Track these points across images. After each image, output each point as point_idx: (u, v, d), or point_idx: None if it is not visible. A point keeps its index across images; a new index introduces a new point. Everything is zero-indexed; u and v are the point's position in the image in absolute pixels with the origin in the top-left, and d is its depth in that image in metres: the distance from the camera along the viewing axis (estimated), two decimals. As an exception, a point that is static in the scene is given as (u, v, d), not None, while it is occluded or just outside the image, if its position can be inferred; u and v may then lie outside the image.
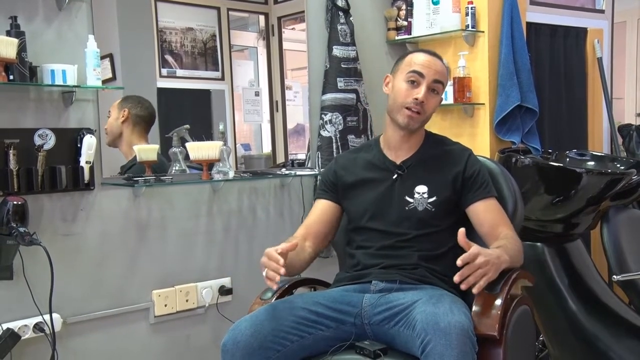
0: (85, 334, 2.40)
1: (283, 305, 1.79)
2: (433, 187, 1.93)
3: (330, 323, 1.76)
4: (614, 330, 2.71)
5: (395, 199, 1.95)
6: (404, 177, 1.97)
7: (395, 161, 2.00)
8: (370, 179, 2.01)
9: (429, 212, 1.92)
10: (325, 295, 1.87)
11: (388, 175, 1.99)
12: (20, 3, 2.19)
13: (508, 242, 1.82)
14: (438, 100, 1.99)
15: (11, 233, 2.07)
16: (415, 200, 1.93)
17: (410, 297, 1.75)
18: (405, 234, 1.91)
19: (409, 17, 3.23)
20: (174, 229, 2.60)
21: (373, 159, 2.04)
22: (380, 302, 1.78)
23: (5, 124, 2.17)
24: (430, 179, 1.94)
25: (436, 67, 1.96)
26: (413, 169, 1.98)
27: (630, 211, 2.85)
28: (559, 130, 3.36)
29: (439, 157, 2.00)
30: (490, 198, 1.94)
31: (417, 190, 1.93)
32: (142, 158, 2.57)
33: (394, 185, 1.97)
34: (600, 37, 3.58)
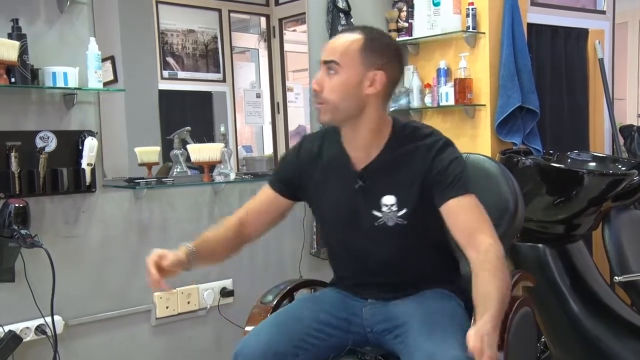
0: (87, 336, 2.40)
1: (292, 318, 1.70)
2: (402, 196, 1.63)
3: (334, 332, 1.72)
4: (616, 332, 2.71)
5: (361, 213, 1.67)
6: (367, 187, 1.66)
7: (356, 166, 1.67)
8: (331, 184, 1.72)
9: (401, 227, 1.63)
10: (327, 301, 1.78)
11: (351, 183, 1.67)
12: (21, 6, 2.19)
13: (491, 276, 1.49)
14: (337, 81, 1.58)
15: (13, 235, 2.07)
16: (384, 215, 1.64)
17: (408, 308, 1.66)
18: (382, 257, 1.69)
19: (409, 19, 3.23)
20: (175, 231, 2.60)
21: (335, 156, 1.71)
22: (380, 311, 1.72)
23: (6, 126, 2.18)
24: (397, 187, 1.63)
25: (331, 45, 1.62)
26: (377, 175, 1.65)
27: (632, 212, 2.85)
28: (561, 131, 3.36)
29: (406, 156, 1.64)
30: (464, 196, 1.59)
31: (384, 202, 1.63)
32: (143, 160, 2.57)
33: (357, 197, 1.67)
34: (602, 38, 3.58)
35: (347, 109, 1.60)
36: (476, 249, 1.54)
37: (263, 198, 1.82)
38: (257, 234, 1.84)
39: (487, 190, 2.03)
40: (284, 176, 1.80)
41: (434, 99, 3.15)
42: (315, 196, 1.76)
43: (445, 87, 3.10)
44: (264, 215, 1.81)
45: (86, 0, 2.34)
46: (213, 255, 1.77)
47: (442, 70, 3.12)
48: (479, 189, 2.05)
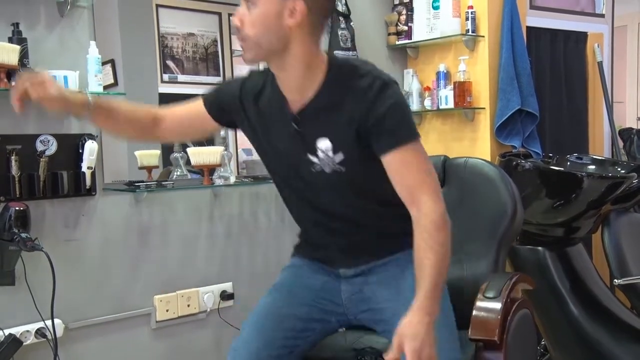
0: (87, 340, 2.40)
1: (271, 318, 1.67)
2: (337, 140, 1.50)
3: (318, 325, 1.69)
4: (616, 335, 2.71)
5: (299, 158, 1.55)
6: (303, 130, 1.54)
7: (292, 109, 1.55)
8: (271, 132, 1.60)
9: (339, 173, 1.52)
10: (303, 292, 1.70)
11: (286, 126, 1.55)
12: (22, 10, 2.20)
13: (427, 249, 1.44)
14: (255, 14, 1.46)
15: (13, 239, 2.07)
16: (320, 160, 1.53)
17: (389, 300, 1.60)
18: (329, 207, 1.59)
19: (409, 22, 3.24)
20: (175, 234, 2.61)
21: (274, 97, 1.58)
22: (360, 298, 1.66)
23: (7, 130, 2.18)
24: (332, 130, 1.51)
25: None
26: (312, 118, 1.52)
27: (632, 215, 2.85)
28: (560, 134, 3.37)
29: (342, 98, 1.50)
30: (404, 147, 1.47)
31: (319, 146, 1.52)
32: (143, 163, 2.58)
33: (294, 140, 1.55)
34: (601, 42, 3.59)
35: (269, 44, 1.47)
36: (417, 207, 1.48)
37: (192, 109, 1.72)
38: (170, 137, 1.80)
39: (486, 193, 2.05)
40: (221, 101, 1.70)
41: (434, 102, 3.16)
42: (255, 140, 1.67)
43: (444, 90, 3.10)
44: (185, 125, 1.75)
45: (86, 4, 2.34)
46: (114, 120, 1.68)
47: (441, 73, 3.12)
48: (478, 192, 2.07)
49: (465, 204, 2.07)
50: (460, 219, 1.86)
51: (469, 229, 2.01)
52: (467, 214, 2.04)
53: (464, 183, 2.10)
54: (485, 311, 1.70)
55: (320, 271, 1.73)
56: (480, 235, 2.00)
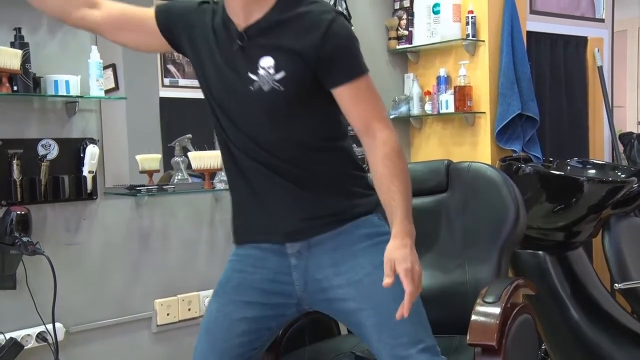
0: (87, 344, 2.40)
1: (221, 326, 1.63)
2: (280, 60, 1.49)
3: (272, 323, 1.63)
4: (617, 339, 2.71)
5: (239, 77, 1.53)
6: (246, 47, 1.52)
7: (238, 27, 1.53)
8: (213, 54, 1.57)
9: (277, 92, 1.49)
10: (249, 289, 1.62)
11: (229, 44, 1.54)
12: (24, 15, 2.20)
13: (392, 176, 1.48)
14: None
15: (14, 243, 2.08)
16: (260, 78, 1.50)
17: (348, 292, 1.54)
18: (262, 142, 1.54)
19: (409, 27, 3.24)
20: (176, 238, 2.61)
21: (220, 21, 1.57)
22: (315, 289, 1.58)
23: (8, 134, 2.19)
24: (278, 50, 1.50)
25: None
26: (258, 37, 1.51)
27: (632, 219, 2.86)
28: (560, 138, 3.37)
29: (290, 21, 1.51)
30: (359, 79, 1.50)
31: (261, 64, 1.50)
32: (145, 167, 2.58)
33: (235, 58, 1.53)
34: (601, 46, 3.60)
35: None
36: (373, 136, 1.50)
37: (141, 13, 1.66)
38: (104, 30, 1.67)
39: (489, 198, 2.05)
40: (172, 13, 1.64)
41: (434, 107, 3.17)
42: (197, 62, 1.62)
43: (445, 94, 3.11)
44: (128, 26, 1.67)
45: (88, 9, 2.35)
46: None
47: (442, 77, 3.13)
48: (481, 197, 2.07)
49: (468, 209, 2.07)
50: (463, 223, 1.88)
51: (472, 233, 2.01)
52: (470, 218, 2.05)
53: (467, 187, 2.10)
54: (484, 316, 1.69)
55: (265, 259, 1.62)
56: (482, 240, 2.01)
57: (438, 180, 2.16)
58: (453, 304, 1.83)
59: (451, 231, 2.09)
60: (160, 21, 1.64)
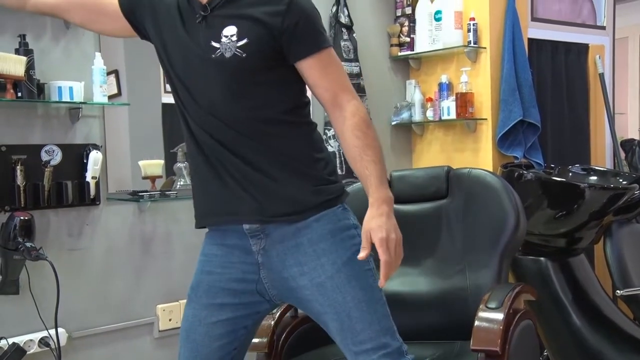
0: (90, 349, 2.41)
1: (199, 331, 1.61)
2: (243, 28, 1.51)
3: (248, 321, 1.62)
4: (618, 345, 2.71)
5: (201, 46, 1.53)
6: (209, 18, 1.54)
7: (201, 0, 1.55)
8: (175, 27, 1.58)
9: (239, 58, 1.49)
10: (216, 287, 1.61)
11: (194, 19, 1.56)
12: (28, 22, 2.22)
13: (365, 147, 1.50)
14: None
15: (18, 248, 2.08)
16: (222, 45, 1.51)
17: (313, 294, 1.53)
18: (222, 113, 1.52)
19: (411, 34, 3.26)
20: (178, 244, 2.62)
21: (180, 1, 1.59)
22: (283, 287, 1.57)
23: (12, 140, 2.20)
24: (241, 20, 1.52)
25: None
26: (221, 9, 1.54)
27: (633, 226, 2.85)
28: (562, 145, 3.38)
29: None
30: (323, 52, 1.52)
31: (224, 32, 1.51)
32: (147, 173, 2.59)
33: (198, 31, 1.55)
34: (602, 53, 3.61)
35: None
36: (341, 108, 1.53)
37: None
38: (70, 16, 1.74)
39: (489, 204, 2.06)
40: (134, 2, 1.66)
41: (436, 113, 3.18)
42: (159, 44, 1.62)
43: (446, 101, 3.12)
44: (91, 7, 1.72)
45: (92, 16, 2.37)
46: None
47: (443, 84, 3.14)
48: (481, 203, 2.08)
49: (468, 214, 2.08)
50: (463, 229, 1.88)
51: (472, 239, 2.02)
52: (470, 224, 2.05)
53: (467, 193, 2.11)
54: (487, 322, 1.70)
55: (232, 258, 1.61)
56: (483, 246, 2.01)
57: (438, 186, 2.17)
58: (453, 310, 1.84)
59: (451, 237, 2.10)
60: (124, 5, 1.66)
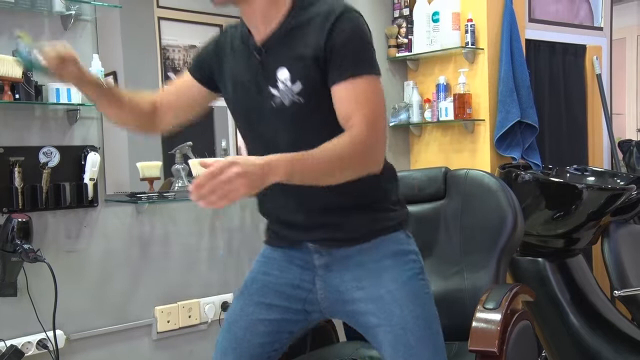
0: (88, 351, 2.40)
1: (242, 326, 1.62)
2: (295, 70, 1.43)
3: (293, 327, 1.63)
4: (616, 346, 2.71)
5: (262, 93, 1.48)
6: (264, 61, 1.47)
7: (256, 41, 1.49)
8: (237, 68, 1.54)
9: (298, 105, 1.43)
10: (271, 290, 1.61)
11: (251, 60, 1.50)
12: (26, 23, 2.22)
13: (333, 144, 1.34)
14: None
15: (15, 250, 2.09)
16: (280, 92, 1.44)
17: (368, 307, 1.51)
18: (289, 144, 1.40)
19: (409, 35, 3.26)
20: (176, 246, 2.62)
21: (241, 39, 1.54)
22: (336, 299, 1.56)
23: (10, 142, 2.20)
24: (292, 60, 1.44)
25: None
26: (275, 48, 1.47)
27: (631, 226, 2.86)
28: (559, 146, 3.38)
29: (303, 27, 1.44)
30: (356, 78, 1.39)
31: (278, 76, 1.44)
32: (145, 175, 2.59)
33: (257, 74, 1.49)
34: (599, 54, 3.62)
35: None
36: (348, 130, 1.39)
37: (180, 82, 1.68)
38: (168, 120, 1.68)
39: (486, 205, 2.06)
40: (201, 60, 1.64)
41: (434, 114, 3.18)
42: (225, 85, 1.59)
43: (444, 102, 3.12)
44: (180, 99, 1.67)
45: (90, 18, 2.37)
46: (118, 108, 1.63)
47: (441, 85, 3.14)
48: (479, 204, 2.08)
49: (465, 216, 2.08)
50: (461, 230, 1.88)
51: (470, 240, 2.02)
52: (468, 225, 2.05)
53: (465, 195, 2.11)
54: (484, 322, 1.70)
55: (291, 265, 1.61)
56: (480, 247, 2.02)
57: (436, 188, 2.17)
58: (451, 311, 1.83)
59: (449, 238, 2.10)
60: (196, 74, 1.64)
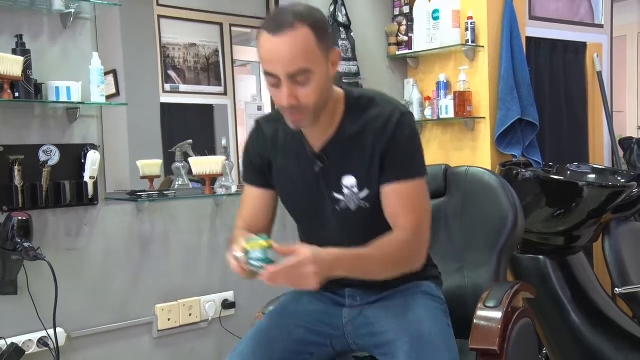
0: (88, 349, 2.41)
1: (266, 338, 1.63)
2: (361, 177, 1.51)
3: (315, 349, 1.64)
4: (618, 343, 2.71)
5: (325, 197, 1.56)
6: (327, 168, 1.54)
7: (314, 147, 1.55)
8: (291, 171, 1.60)
9: (365, 211, 1.53)
10: (303, 315, 1.68)
11: (310, 167, 1.56)
12: (25, 22, 2.22)
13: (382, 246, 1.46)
14: (313, 86, 1.42)
15: (16, 248, 2.08)
16: (345, 197, 1.53)
17: (391, 325, 1.55)
18: (351, 243, 1.49)
19: (409, 33, 3.26)
20: (177, 244, 2.62)
21: (290, 141, 1.59)
22: (361, 323, 1.62)
23: (10, 140, 2.20)
24: (356, 167, 1.52)
25: (284, 56, 1.39)
26: (335, 155, 1.53)
27: (632, 224, 2.86)
28: (560, 143, 3.38)
29: (363, 131, 1.51)
30: (406, 180, 1.49)
31: (344, 183, 1.53)
32: (145, 173, 2.59)
33: (318, 180, 1.56)
34: (600, 52, 3.61)
35: (324, 103, 1.49)
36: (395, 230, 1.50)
37: (252, 200, 1.69)
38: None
39: (487, 202, 2.05)
40: (256, 168, 1.66)
41: (434, 112, 3.18)
42: (279, 184, 1.64)
43: (445, 100, 3.12)
44: (264, 216, 1.69)
45: (89, 16, 2.37)
46: None
47: (441, 83, 3.14)
48: (479, 201, 2.08)
49: (466, 213, 2.07)
50: (461, 227, 1.87)
51: (470, 238, 2.01)
52: (468, 222, 2.05)
53: (465, 192, 2.10)
54: (485, 320, 1.70)
55: (324, 298, 1.69)
56: (481, 244, 2.01)
57: (436, 185, 2.16)
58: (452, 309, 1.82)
59: (450, 235, 2.09)
60: (258, 182, 1.66)
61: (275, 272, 1.34)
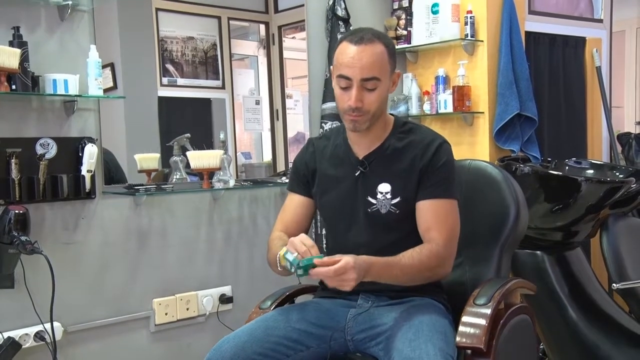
0: (86, 343, 2.40)
1: (264, 324, 1.70)
2: (397, 186, 1.74)
3: (313, 343, 1.70)
4: (615, 339, 2.71)
5: (359, 200, 1.77)
6: (366, 174, 1.77)
7: (358, 155, 1.80)
8: (334, 175, 1.83)
9: (393, 215, 1.74)
10: (311, 310, 1.77)
11: (351, 172, 1.80)
12: (22, 14, 2.21)
13: (412, 255, 1.65)
14: (377, 94, 1.70)
15: (13, 242, 2.08)
16: (378, 202, 1.75)
17: (392, 317, 1.68)
18: (374, 246, 1.71)
19: (408, 27, 3.24)
20: (174, 238, 2.61)
21: (338, 151, 1.85)
22: (365, 319, 1.71)
23: (7, 133, 2.19)
24: (394, 177, 1.75)
25: (362, 63, 1.66)
26: (376, 164, 1.77)
27: (630, 219, 2.86)
28: (558, 138, 3.38)
29: (405, 150, 1.76)
30: (441, 199, 1.72)
31: (379, 189, 1.75)
32: (143, 167, 2.58)
33: (356, 183, 1.78)
34: (599, 47, 3.60)
35: (380, 113, 1.75)
36: (428, 242, 1.70)
37: (294, 207, 1.89)
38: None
39: (489, 196, 2.01)
40: (301, 177, 1.89)
41: (433, 106, 3.17)
42: (320, 187, 1.84)
43: (443, 94, 3.11)
44: (303, 222, 1.89)
45: (87, 8, 2.35)
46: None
47: (440, 77, 3.13)
48: (481, 195, 2.05)
49: (468, 206, 2.04)
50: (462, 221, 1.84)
51: (472, 232, 1.96)
52: (470, 216, 2.00)
53: (467, 185, 2.07)
54: (473, 318, 1.66)
55: (336, 301, 1.80)
56: (482, 239, 1.97)
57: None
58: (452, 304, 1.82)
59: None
60: (303, 191, 1.89)
61: (321, 272, 1.51)
